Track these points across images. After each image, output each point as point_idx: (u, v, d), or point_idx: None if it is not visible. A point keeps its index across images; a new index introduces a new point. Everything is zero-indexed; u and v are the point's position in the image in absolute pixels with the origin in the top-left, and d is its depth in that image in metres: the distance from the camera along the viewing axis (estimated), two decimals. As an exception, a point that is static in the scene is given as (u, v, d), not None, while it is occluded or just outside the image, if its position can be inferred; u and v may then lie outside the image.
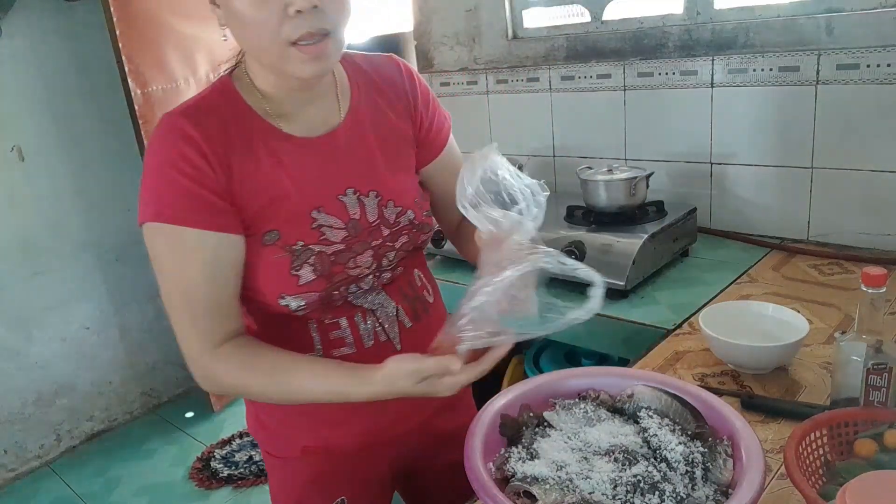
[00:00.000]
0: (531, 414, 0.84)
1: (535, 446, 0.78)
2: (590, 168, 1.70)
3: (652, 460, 0.74)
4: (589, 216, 1.67)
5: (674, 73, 1.78)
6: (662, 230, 1.54)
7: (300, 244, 0.88)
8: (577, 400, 0.86)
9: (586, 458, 0.75)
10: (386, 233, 0.94)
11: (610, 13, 1.95)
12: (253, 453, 2.65)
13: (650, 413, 0.81)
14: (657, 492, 0.69)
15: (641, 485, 0.69)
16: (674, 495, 0.69)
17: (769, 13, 1.65)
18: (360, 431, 1.00)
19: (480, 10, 2.19)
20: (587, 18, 2.00)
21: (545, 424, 0.82)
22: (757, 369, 1.10)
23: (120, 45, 2.35)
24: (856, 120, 1.53)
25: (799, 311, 1.14)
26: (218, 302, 0.87)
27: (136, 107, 2.42)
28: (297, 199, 0.89)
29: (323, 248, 0.89)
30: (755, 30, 1.64)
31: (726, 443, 0.75)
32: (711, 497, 0.70)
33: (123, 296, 2.95)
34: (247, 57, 0.91)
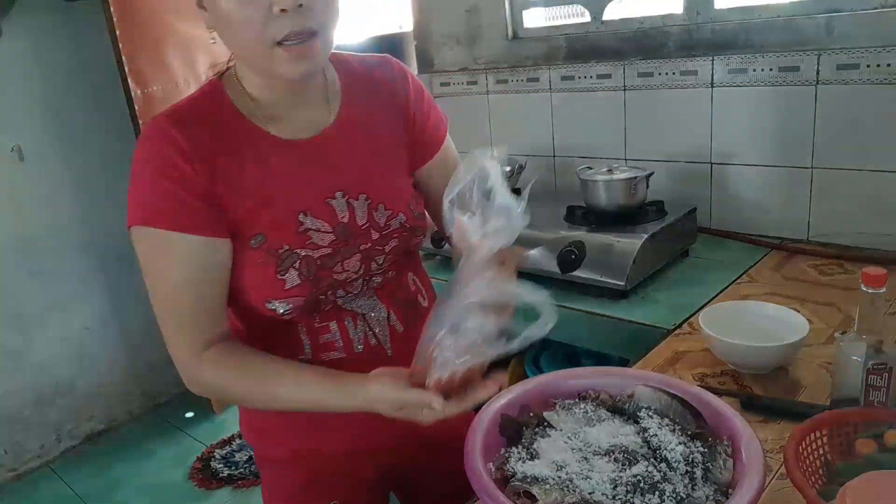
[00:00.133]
0: (531, 414, 0.84)
1: (535, 446, 0.77)
2: (590, 168, 1.70)
3: (652, 460, 0.74)
4: (589, 216, 1.67)
5: (674, 73, 1.78)
6: (662, 230, 1.54)
7: (285, 248, 0.88)
8: (577, 400, 0.86)
9: (586, 458, 0.75)
10: (375, 236, 0.93)
11: (610, 13, 1.95)
12: (253, 453, 2.64)
13: (650, 413, 0.81)
14: (657, 492, 0.69)
15: (641, 485, 0.69)
16: (674, 495, 0.69)
17: (769, 13, 1.65)
18: (352, 435, 0.99)
19: (480, 10, 2.19)
20: (587, 18, 2.00)
21: (545, 424, 0.82)
22: (757, 369, 1.10)
23: (120, 46, 2.35)
24: (856, 120, 1.53)
25: (799, 311, 1.14)
26: (204, 306, 0.87)
27: (136, 107, 2.42)
28: (283, 203, 0.89)
29: (309, 253, 0.88)
30: (755, 30, 1.64)
31: (726, 443, 0.75)
32: (711, 497, 0.70)
33: (123, 296, 2.94)
34: (236, 59, 0.91)
